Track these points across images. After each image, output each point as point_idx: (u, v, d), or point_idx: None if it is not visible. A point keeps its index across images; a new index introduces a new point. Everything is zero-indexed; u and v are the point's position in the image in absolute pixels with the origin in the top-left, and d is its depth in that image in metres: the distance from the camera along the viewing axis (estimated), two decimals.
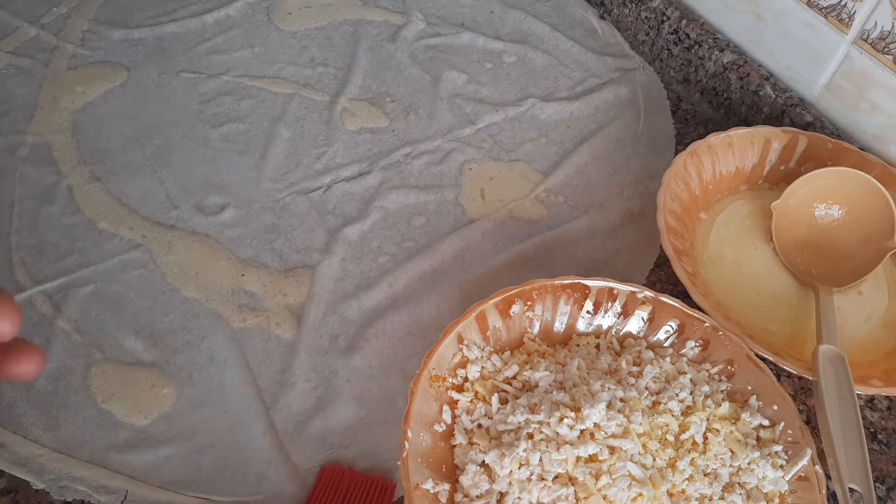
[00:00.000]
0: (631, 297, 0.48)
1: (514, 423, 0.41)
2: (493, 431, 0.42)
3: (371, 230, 0.57)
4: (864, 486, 0.41)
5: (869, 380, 0.47)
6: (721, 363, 0.47)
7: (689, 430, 0.42)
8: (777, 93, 0.62)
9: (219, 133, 0.62)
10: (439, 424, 0.43)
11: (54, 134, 0.61)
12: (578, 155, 0.62)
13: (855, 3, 0.55)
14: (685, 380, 0.45)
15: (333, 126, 0.63)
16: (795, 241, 0.55)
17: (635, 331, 0.48)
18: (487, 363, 0.45)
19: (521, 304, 0.47)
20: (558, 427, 0.40)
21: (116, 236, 0.55)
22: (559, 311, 0.48)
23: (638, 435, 0.41)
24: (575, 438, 0.40)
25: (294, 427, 0.47)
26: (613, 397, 0.42)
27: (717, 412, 0.44)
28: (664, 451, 0.41)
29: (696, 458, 0.41)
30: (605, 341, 0.48)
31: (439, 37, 0.71)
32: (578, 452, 0.39)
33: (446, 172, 0.61)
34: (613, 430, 0.40)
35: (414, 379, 0.42)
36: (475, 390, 0.44)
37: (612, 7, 0.73)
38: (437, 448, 0.42)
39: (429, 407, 0.42)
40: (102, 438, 0.46)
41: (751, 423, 0.44)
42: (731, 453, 0.42)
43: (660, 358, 0.46)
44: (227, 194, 0.58)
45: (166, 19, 0.70)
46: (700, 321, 0.47)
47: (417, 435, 0.40)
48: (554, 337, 0.48)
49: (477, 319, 0.45)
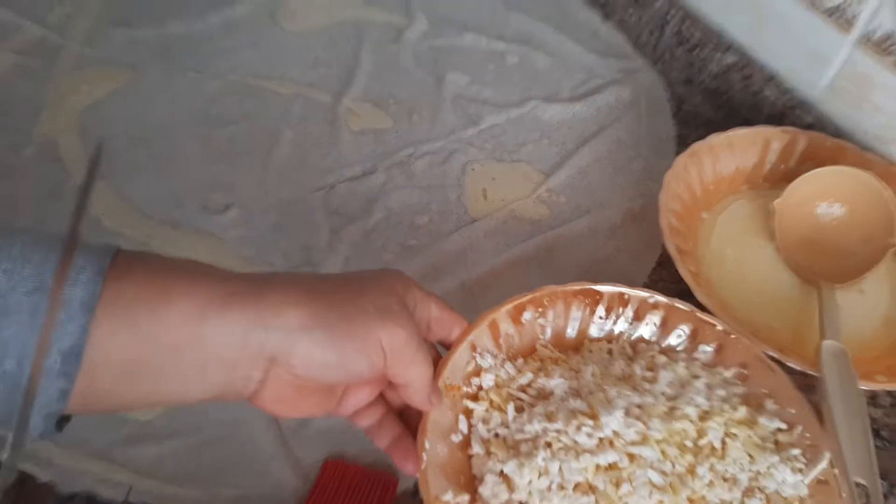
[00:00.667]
0: (643, 302, 0.47)
1: (532, 431, 0.41)
2: (510, 440, 0.41)
3: (374, 229, 0.57)
4: (870, 479, 0.40)
5: (873, 375, 0.47)
6: (734, 366, 0.46)
7: (706, 436, 0.41)
8: (779, 94, 0.62)
9: (223, 133, 0.62)
10: (456, 434, 0.42)
11: (61, 133, 0.61)
12: (580, 156, 0.63)
13: (857, 4, 0.55)
14: (700, 384, 0.44)
15: (337, 126, 0.64)
16: (797, 239, 0.56)
17: (647, 336, 0.48)
18: (501, 371, 0.44)
19: (532, 310, 0.46)
20: (576, 435, 0.39)
21: (122, 235, 0.55)
22: (571, 316, 0.47)
23: (656, 441, 0.40)
24: (594, 446, 0.39)
25: (297, 422, 0.47)
26: (630, 404, 0.41)
27: (734, 416, 0.43)
28: (683, 457, 0.40)
29: (714, 464, 0.40)
30: (617, 347, 0.47)
31: (442, 38, 0.71)
32: (598, 460, 0.39)
33: (449, 172, 0.61)
34: (632, 437, 0.40)
35: None
36: (490, 399, 0.43)
37: (614, 9, 0.73)
38: (455, 458, 0.41)
39: (444, 417, 0.41)
40: (107, 433, 0.46)
41: (768, 427, 0.43)
42: (749, 458, 0.41)
43: (673, 363, 0.46)
44: (232, 194, 0.58)
45: (171, 20, 0.71)
46: (712, 325, 0.47)
47: (435, 446, 0.40)
48: (566, 343, 0.48)
49: (489, 327, 0.45)
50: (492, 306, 0.51)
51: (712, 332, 0.47)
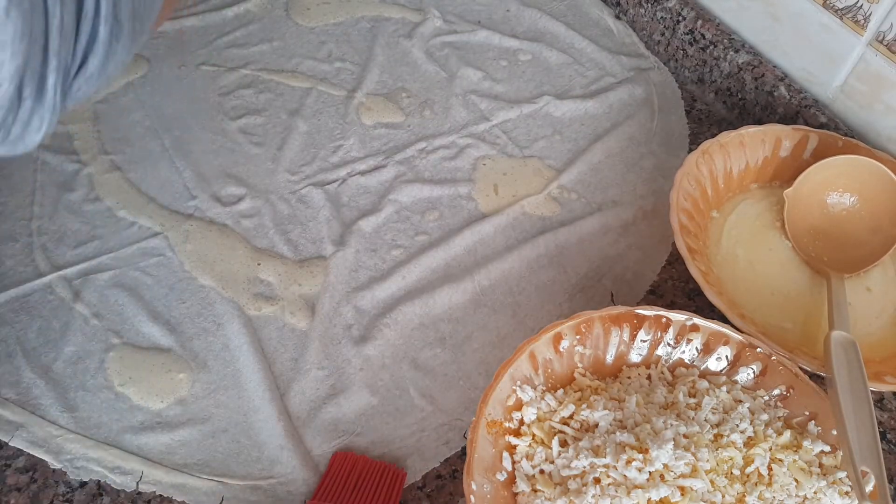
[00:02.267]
0: (682, 325, 0.46)
1: (579, 467, 0.40)
2: (556, 477, 0.41)
3: (385, 223, 0.57)
4: (876, 468, 0.40)
5: (883, 376, 0.47)
6: (775, 388, 0.45)
7: (753, 463, 0.41)
8: (791, 94, 0.62)
9: (237, 125, 0.63)
10: (500, 472, 0.41)
11: (76, 123, 0.62)
12: (592, 152, 0.63)
13: (871, 4, 0.55)
14: (744, 409, 0.43)
15: (350, 120, 0.64)
16: (807, 228, 0.56)
17: (687, 359, 0.47)
18: (542, 404, 0.43)
19: (570, 337, 0.45)
20: (626, 470, 0.39)
21: (135, 224, 0.56)
22: (610, 342, 0.47)
23: (705, 472, 0.40)
24: (644, 481, 0.39)
25: (307, 413, 0.48)
26: (677, 434, 0.41)
27: (779, 441, 0.42)
28: (732, 487, 0.40)
29: (763, 492, 0.40)
30: (656, 372, 0.46)
31: (455, 34, 0.71)
32: (650, 495, 0.38)
33: (460, 167, 0.61)
34: (682, 469, 0.39)
35: (472, 426, 0.41)
36: (532, 433, 0.43)
37: (627, 7, 0.73)
38: (500, 497, 0.40)
39: (488, 454, 0.41)
40: (119, 421, 0.47)
41: (812, 451, 0.42)
42: (795, 483, 0.41)
43: (714, 387, 0.45)
44: (245, 185, 0.59)
45: (187, 13, 0.71)
46: (752, 347, 0.46)
47: (482, 487, 0.39)
48: (604, 369, 0.47)
49: (528, 357, 0.44)
50: (500, 304, 0.51)
51: (753, 354, 0.46)
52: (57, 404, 0.47)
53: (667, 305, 0.53)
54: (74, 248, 0.54)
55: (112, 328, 0.50)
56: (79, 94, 0.29)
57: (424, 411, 0.48)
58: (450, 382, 0.50)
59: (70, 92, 0.29)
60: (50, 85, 0.27)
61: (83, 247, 0.54)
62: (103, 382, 0.48)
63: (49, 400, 0.47)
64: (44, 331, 0.50)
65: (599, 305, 0.53)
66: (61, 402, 0.47)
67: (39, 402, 0.47)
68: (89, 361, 0.49)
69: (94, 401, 0.47)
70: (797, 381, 0.45)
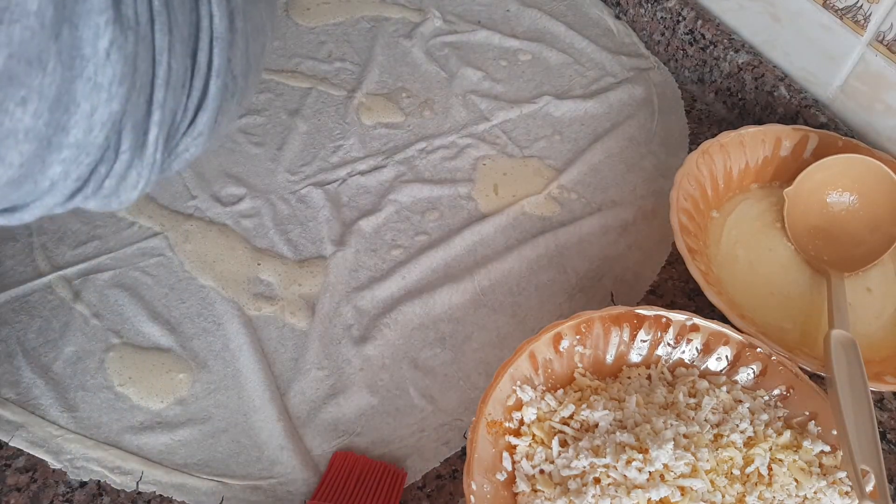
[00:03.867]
0: (682, 325, 0.47)
1: (579, 467, 0.40)
2: (556, 477, 0.41)
3: (385, 223, 0.57)
4: (876, 468, 0.40)
5: (883, 376, 0.47)
6: (775, 388, 0.45)
7: (753, 463, 0.41)
8: (791, 94, 0.62)
9: (237, 125, 0.63)
10: (500, 473, 0.41)
11: None
12: (592, 152, 0.63)
13: (871, 4, 0.55)
14: (744, 409, 0.44)
15: (350, 120, 0.64)
16: (807, 227, 0.56)
17: (687, 359, 0.47)
18: (542, 404, 0.44)
19: (570, 337, 0.46)
20: (626, 470, 0.39)
21: (135, 224, 0.56)
22: (610, 342, 0.47)
23: (705, 472, 0.40)
24: (644, 481, 0.39)
25: (307, 413, 0.48)
26: (677, 434, 0.41)
27: (779, 441, 0.42)
28: (732, 487, 0.40)
29: (763, 492, 0.40)
30: (656, 372, 0.47)
31: (455, 34, 0.71)
32: (650, 495, 0.38)
33: (460, 167, 0.61)
34: (682, 469, 0.39)
35: (472, 426, 0.41)
36: (532, 433, 0.43)
37: (627, 7, 0.73)
38: (500, 497, 0.40)
39: (488, 454, 0.41)
40: (119, 421, 0.47)
41: (812, 451, 0.42)
42: (795, 483, 0.41)
43: (714, 387, 0.45)
44: (245, 185, 0.59)
45: None
46: (752, 347, 0.46)
47: (482, 487, 0.39)
48: (604, 369, 0.47)
49: (528, 357, 0.44)
50: (500, 304, 0.51)
51: (753, 354, 0.46)
52: (57, 404, 0.47)
53: (667, 305, 0.53)
54: (74, 248, 0.54)
55: (112, 328, 0.50)
56: (186, 155, 0.27)
57: (424, 411, 0.48)
58: (450, 382, 0.50)
59: (176, 151, 0.26)
60: (151, 139, 0.24)
61: (83, 247, 0.54)
62: (103, 382, 0.48)
63: (49, 400, 0.47)
64: (44, 331, 0.50)
65: (599, 305, 0.53)
66: (61, 402, 0.47)
67: (39, 402, 0.47)
68: (89, 361, 0.49)
69: (94, 401, 0.47)
70: (797, 381, 0.45)
